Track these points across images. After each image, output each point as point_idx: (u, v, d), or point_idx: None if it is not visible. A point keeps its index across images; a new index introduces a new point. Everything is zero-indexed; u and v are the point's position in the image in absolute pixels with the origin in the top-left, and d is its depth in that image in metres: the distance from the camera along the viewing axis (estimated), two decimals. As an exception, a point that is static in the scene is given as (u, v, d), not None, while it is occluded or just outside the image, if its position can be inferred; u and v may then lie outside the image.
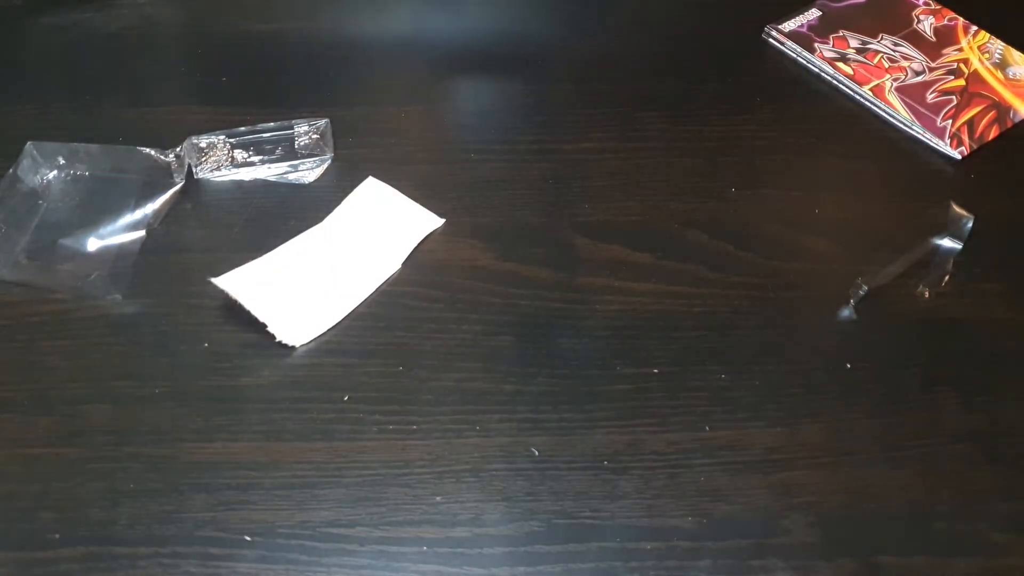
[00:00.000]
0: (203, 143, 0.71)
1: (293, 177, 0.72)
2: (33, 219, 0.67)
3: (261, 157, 0.72)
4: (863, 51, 0.84)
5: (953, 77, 0.82)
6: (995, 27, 0.87)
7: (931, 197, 0.72)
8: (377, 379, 0.60)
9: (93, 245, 0.66)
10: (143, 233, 0.67)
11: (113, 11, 0.85)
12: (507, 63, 0.82)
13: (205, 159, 0.71)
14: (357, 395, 0.60)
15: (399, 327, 0.63)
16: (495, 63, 0.83)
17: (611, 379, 0.61)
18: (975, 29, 0.87)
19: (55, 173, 0.70)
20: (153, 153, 0.70)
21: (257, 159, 0.72)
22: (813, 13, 0.88)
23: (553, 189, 0.72)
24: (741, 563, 0.53)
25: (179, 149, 0.70)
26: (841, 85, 0.82)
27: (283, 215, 0.69)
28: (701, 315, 0.65)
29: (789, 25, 0.87)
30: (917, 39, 0.86)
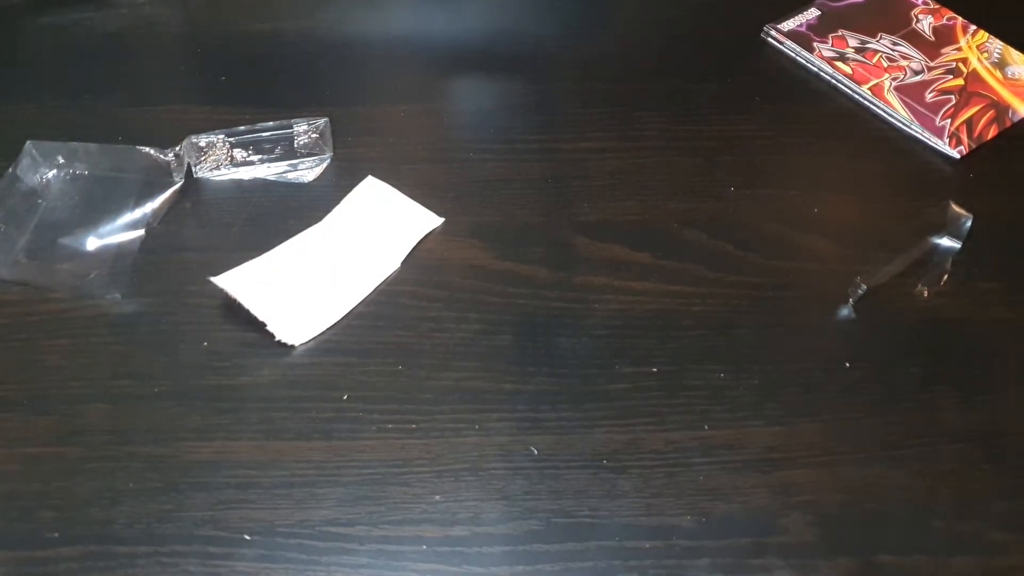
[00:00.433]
0: (202, 142, 0.71)
1: (292, 176, 0.72)
2: (32, 218, 0.67)
3: (260, 156, 0.72)
4: (862, 50, 0.84)
5: (952, 76, 0.82)
6: (994, 26, 0.87)
7: (930, 196, 0.72)
8: (376, 378, 0.60)
9: (92, 244, 0.66)
10: (142, 232, 0.67)
11: (112, 10, 0.85)
12: (507, 63, 0.83)
13: (204, 158, 0.71)
14: (356, 394, 0.60)
15: (398, 326, 0.63)
16: (495, 62, 0.83)
17: (610, 378, 0.61)
18: (974, 28, 0.87)
19: (54, 172, 0.70)
20: (152, 152, 0.70)
21: (256, 158, 0.72)
22: (812, 13, 0.88)
23: (552, 188, 0.72)
24: (740, 562, 0.53)
25: (178, 148, 0.70)
26: (840, 84, 0.82)
27: (282, 214, 0.69)
28: (700, 314, 0.65)
29: (788, 24, 0.87)
30: (916, 38, 0.86)
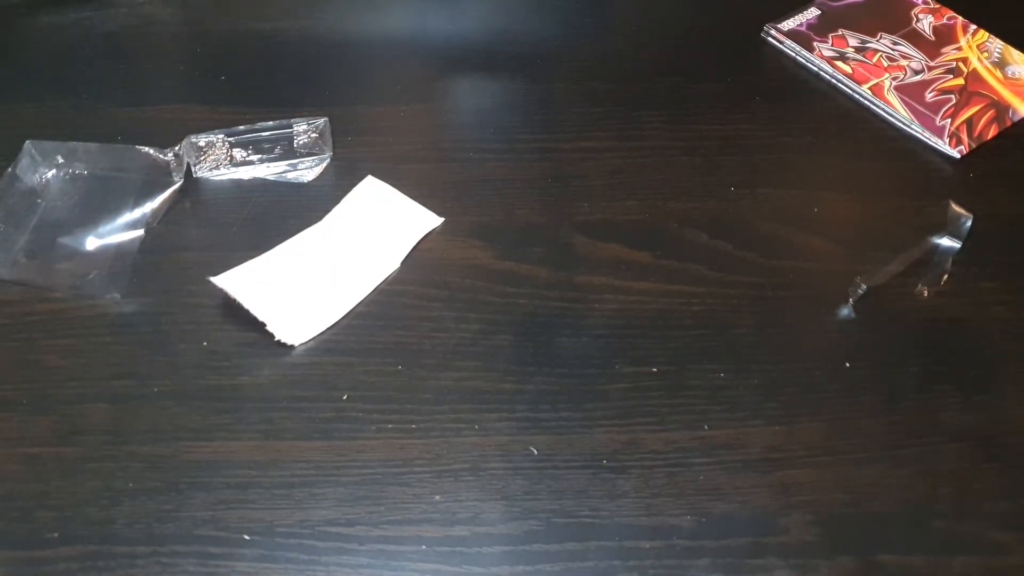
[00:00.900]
0: (202, 142, 0.71)
1: (292, 176, 0.72)
2: (32, 218, 0.67)
3: (260, 156, 0.72)
4: (862, 50, 0.84)
5: (952, 76, 0.82)
6: (994, 26, 0.87)
7: (930, 196, 0.72)
8: (376, 378, 0.60)
9: (92, 244, 0.66)
10: (142, 232, 0.67)
11: (112, 10, 0.85)
12: (506, 62, 0.82)
13: (204, 158, 0.71)
14: (356, 394, 0.60)
15: (398, 326, 0.63)
16: (495, 62, 0.83)
17: (610, 378, 0.61)
18: (974, 28, 0.87)
19: (54, 172, 0.70)
20: (152, 152, 0.70)
21: (256, 158, 0.72)
22: (812, 12, 0.88)
23: (552, 188, 0.72)
24: (740, 562, 0.53)
25: (178, 148, 0.70)
26: (840, 84, 0.82)
27: (282, 214, 0.69)
28: (700, 314, 0.65)
29: (788, 24, 0.87)
30: (916, 38, 0.86)
